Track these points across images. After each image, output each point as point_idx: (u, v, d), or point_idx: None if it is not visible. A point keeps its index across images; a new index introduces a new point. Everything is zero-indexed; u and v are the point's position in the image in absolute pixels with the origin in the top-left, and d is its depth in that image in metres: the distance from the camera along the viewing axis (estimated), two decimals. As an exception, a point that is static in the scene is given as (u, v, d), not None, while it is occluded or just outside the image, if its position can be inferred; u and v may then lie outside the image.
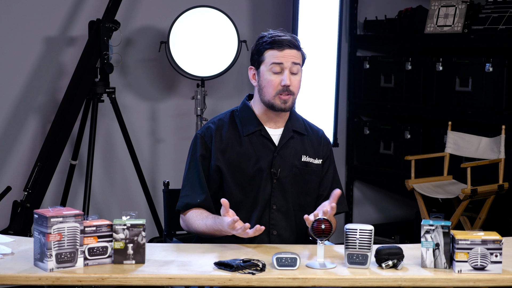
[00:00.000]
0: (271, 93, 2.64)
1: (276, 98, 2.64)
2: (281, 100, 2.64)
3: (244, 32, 4.83)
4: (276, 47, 2.63)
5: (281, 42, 2.63)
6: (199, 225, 2.60)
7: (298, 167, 2.71)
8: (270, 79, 2.64)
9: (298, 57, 2.65)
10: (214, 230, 2.55)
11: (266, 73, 2.65)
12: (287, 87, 2.62)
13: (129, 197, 4.69)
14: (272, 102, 2.65)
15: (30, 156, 4.33)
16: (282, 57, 2.62)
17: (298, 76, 2.66)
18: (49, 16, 4.37)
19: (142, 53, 4.66)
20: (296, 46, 2.65)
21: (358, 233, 2.23)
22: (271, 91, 2.64)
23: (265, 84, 2.65)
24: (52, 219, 2.14)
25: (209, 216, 2.60)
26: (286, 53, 2.62)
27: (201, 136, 2.71)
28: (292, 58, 2.63)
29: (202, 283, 2.17)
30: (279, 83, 2.63)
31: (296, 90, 2.66)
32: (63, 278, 2.14)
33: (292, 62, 2.63)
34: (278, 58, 2.62)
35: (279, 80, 2.63)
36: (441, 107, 4.81)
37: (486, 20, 4.61)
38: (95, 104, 4.17)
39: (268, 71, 2.64)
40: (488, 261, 2.19)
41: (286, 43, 2.63)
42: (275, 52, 2.63)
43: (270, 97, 2.65)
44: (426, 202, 4.50)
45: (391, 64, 5.09)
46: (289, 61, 2.62)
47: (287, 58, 2.62)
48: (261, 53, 2.66)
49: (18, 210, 3.96)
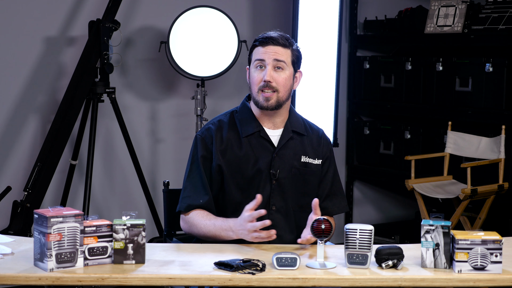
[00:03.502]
0: (255, 89, 2.65)
1: (259, 94, 2.64)
2: (263, 97, 2.64)
3: (244, 32, 4.83)
4: (260, 43, 2.65)
5: (266, 38, 2.65)
6: (206, 225, 2.59)
7: (298, 167, 2.71)
8: (254, 75, 2.66)
9: (283, 54, 2.64)
10: (221, 230, 2.54)
11: (252, 69, 2.67)
12: (268, 82, 2.62)
13: (129, 197, 4.69)
14: (256, 99, 2.66)
15: (30, 156, 4.33)
16: (264, 53, 2.63)
17: (283, 73, 2.65)
18: (49, 16, 4.36)
19: (142, 53, 4.66)
20: (280, 43, 2.64)
21: (358, 233, 2.23)
22: (254, 87, 2.65)
23: (250, 80, 2.68)
24: (52, 219, 2.14)
25: (218, 217, 2.60)
26: (269, 49, 2.63)
27: (201, 138, 2.71)
28: (274, 55, 2.63)
29: (202, 283, 2.17)
30: (261, 79, 2.63)
31: (280, 87, 2.64)
32: (63, 278, 2.14)
33: (275, 59, 2.63)
34: (261, 54, 2.64)
35: (261, 76, 2.64)
36: (441, 107, 4.81)
37: (486, 20, 4.61)
38: (95, 104, 4.17)
39: (253, 67, 2.67)
40: (488, 261, 2.19)
41: (270, 39, 2.64)
42: (259, 49, 2.66)
43: (255, 94, 2.66)
44: (426, 202, 4.50)
45: (391, 64, 5.09)
46: (271, 57, 2.63)
47: (269, 54, 2.63)
48: (250, 52, 2.70)
49: (18, 210, 3.96)
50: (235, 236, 2.51)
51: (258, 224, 2.43)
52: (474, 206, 4.50)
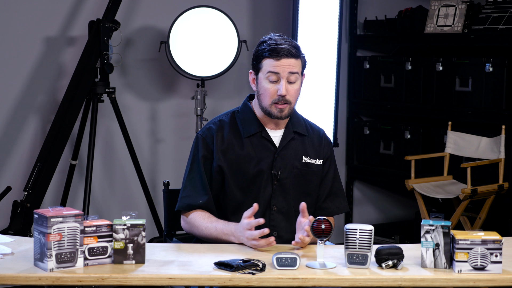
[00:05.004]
0: (267, 101, 2.64)
1: (273, 106, 2.63)
2: (277, 109, 2.63)
3: (244, 32, 4.83)
4: (273, 56, 2.61)
5: (278, 51, 2.60)
6: (207, 228, 2.59)
7: (299, 168, 2.71)
8: (267, 87, 2.63)
9: (295, 66, 2.62)
10: (223, 234, 2.54)
11: (263, 81, 2.64)
12: (283, 96, 2.61)
13: (129, 197, 4.69)
14: (269, 110, 2.64)
15: (30, 156, 4.33)
16: (278, 66, 2.60)
17: (296, 85, 2.64)
18: (49, 16, 4.36)
19: (142, 53, 4.66)
20: (293, 55, 2.61)
21: (358, 233, 2.23)
22: (267, 99, 2.63)
23: (262, 92, 2.65)
24: (52, 219, 2.14)
25: (219, 220, 2.60)
26: (283, 63, 2.60)
27: (202, 137, 2.71)
28: (289, 68, 2.61)
29: (202, 283, 2.17)
30: (275, 92, 2.62)
31: (293, 99, 2.64)
32: (63, 278, 2.14)
33: (289, 72, 2.61)
34: (275, 67, 2.61)
35: (275, 89, 2.62)
36: (441, 107, 4.81)
37: (486, 20, 4.61)
38: (95, 104, 4.17)
39: (265, 79, 2.63)
40: (488, 261, 2.19)
41: (284, 52, 2.60)
42: (272, 61, 2.61)
43: (267, 105, 2.64)
44: (426, 202, 4.50)
45: (391, 64, 5.09)
46: (286, 70, 2.61)
47: (284, 67, 2.60)
48: (259, 61, 2.65)
49: (18, 210, 3.96)
50: (236, 240, 2.51)
51: (255, 233, 2.42)
52: (474, 206, 4.50)
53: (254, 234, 2.43)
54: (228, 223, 2.56)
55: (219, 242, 2.56)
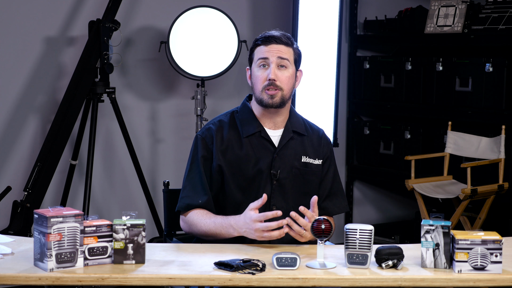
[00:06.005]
0: (259, 88, 2.65)
1: (263, 93, 2.64)
2: (267, 95, 2.63)
3: (244, 32, 4.83)
4: (264, 42, 2.65)
5: (268, 37, 2.65)
6: (206, 223, 2.58)
7: (298, 167, 2.71)
8: (257, 74, 2.65)
9: (286, 52, 2.64)
10: (222, 227, 2.54)
11: (255, 69, 2.67)
12: (272, 81, 2.62)
13: (129, 197, 4.69)
14: (260, 97, 2.65)
15: (30, 156, 4.33)
16: (267, 51, 2.63)
17: (287, 72, 2.65)
18: (49, 16, 4.37)
19: (142, 53, 4.66)
20: (283, 41, 2.64)
21: (358, 233, 2.23)
22: (258, 86, 2.65)
23: (254, 80, 2.67)
24: (52, 219, 2.14)
25: (217, 215, 2.60)
26: (272, 48, 2.63)
27: (201, 138, 2.71)
28: (278, 53, 2.63)
29: (202, 283, 2.17)
30: (265, 78, 2.63)
31: (284, 85, 2.64)
32: (63, 278, 2.14)
33: (278, 57, 2.63)
34: (264, 53, 2.64)
35: (265, 74, 2.64)
36: (441, 107, 4.81)
37: (486, 20, 4.61)
38: (95, 104, 4.17)
39: (256, 67, 2.66)
40: (488, 261, 2.19)
41: (273, 38, 2.64)
42: (261, 48, 2.65)
43: (259, 93, 2.65)
44: (426, 202, 4.50)
45: (391, 64, 5.09)
46: (275, 55, 2.63)
47: (272, 52, 2.63)
48: (252, 51, 2.70)
49: (18, 210, 3.96)
50: (236, 233, 2.51)
51: (273, 224, 2.41)
52: (474, 206, 4.50)
53: (271, 225, 2.41)
54: (227, 217, 2.56)
55: (218, 238, 2.56)
